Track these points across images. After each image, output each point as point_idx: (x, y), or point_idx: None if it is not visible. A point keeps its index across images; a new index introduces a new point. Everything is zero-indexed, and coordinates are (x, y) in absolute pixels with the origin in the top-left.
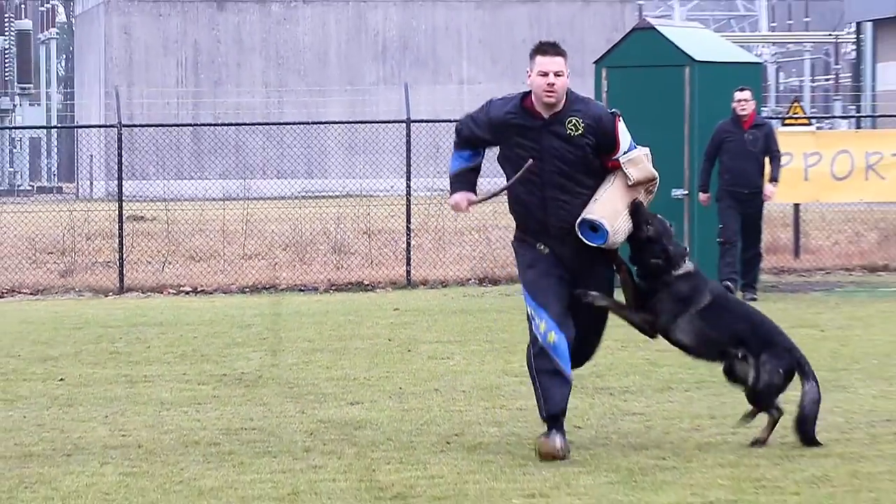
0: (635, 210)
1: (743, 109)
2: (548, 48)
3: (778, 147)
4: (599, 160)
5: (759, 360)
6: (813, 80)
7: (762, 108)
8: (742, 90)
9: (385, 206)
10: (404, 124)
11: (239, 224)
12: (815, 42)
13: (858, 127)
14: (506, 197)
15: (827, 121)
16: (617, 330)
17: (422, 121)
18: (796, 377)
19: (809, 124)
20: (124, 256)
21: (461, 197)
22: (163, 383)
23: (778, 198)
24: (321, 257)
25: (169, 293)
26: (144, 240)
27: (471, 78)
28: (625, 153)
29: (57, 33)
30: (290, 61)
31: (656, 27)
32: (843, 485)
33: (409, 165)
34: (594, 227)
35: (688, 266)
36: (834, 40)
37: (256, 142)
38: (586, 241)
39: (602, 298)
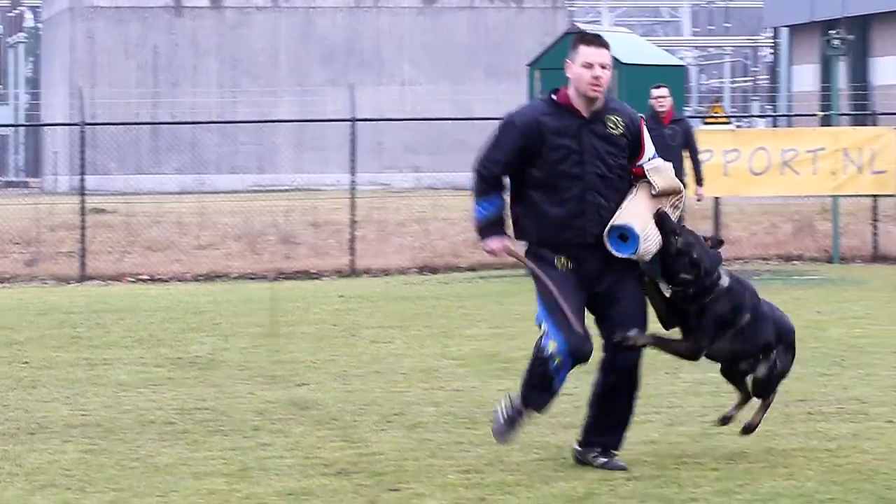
0: (660, 220)
1: (661, 106)
2: (592, 38)
3: (697, 145)
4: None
5: (775, 352)
6: (732, 82)
7: (685, 108)
8: (659, 87)
9: (331, 199)
10: (350, 123)
11: (194, 216)
12: (734, 46)
13: (775, 125)
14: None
15: (745, 120)
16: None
17: (366, 119)
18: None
19: (729, 123)
20: (86, 247)
21: (499, 243)
22: (121, 366)
23: (690, 191)
24: (271, 247)
25: (127, 281)
26: (105, 231)
27: (412, 79)
28: (649, 160)
29: (25, 37)
30: (244, 64)
31: (585, 32)
32: (760, 461)
33: (354, 161)
34: (623, 237)
35: (724, 281)
36: (752, 44)
37: (211, 139)
38: (615, 253)
39: (642, 337)
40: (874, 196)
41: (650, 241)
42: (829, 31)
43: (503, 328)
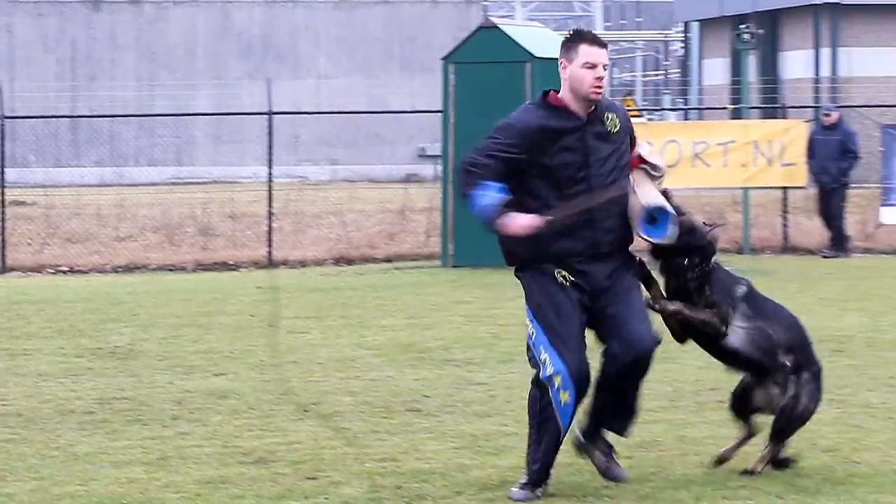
0: (667, 199)
1: None
2: (593, 37)
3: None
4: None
5: (800, 379)
6: (644, 76)
7: None
8: None
9: (248, 191)
10: (267, 116)
11: (113, 208)
12: (646, 40)
13: (686, 118)
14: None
15: (657, 113)
16: (462, 306)
17: (283, 113)
18: None
19: (641, 116)
20: (6, 238)
21: (533, 218)
22: (41, 356)
23: None
24: (189, 239)
25: (48, 273)
26: (25, 223)
27: (328, 73)
28: (639, 146)
29: None
30: (162, 58)
31: (499, 26)
32: (672, 449)
33: (271, 154)
34: (652, 219)
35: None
36: (663, 38)
37: (129, 132)
38: (648, 239)
39: (671, 304)
40: (784, 188)
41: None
42: (739, 26)
43: (418, 318)
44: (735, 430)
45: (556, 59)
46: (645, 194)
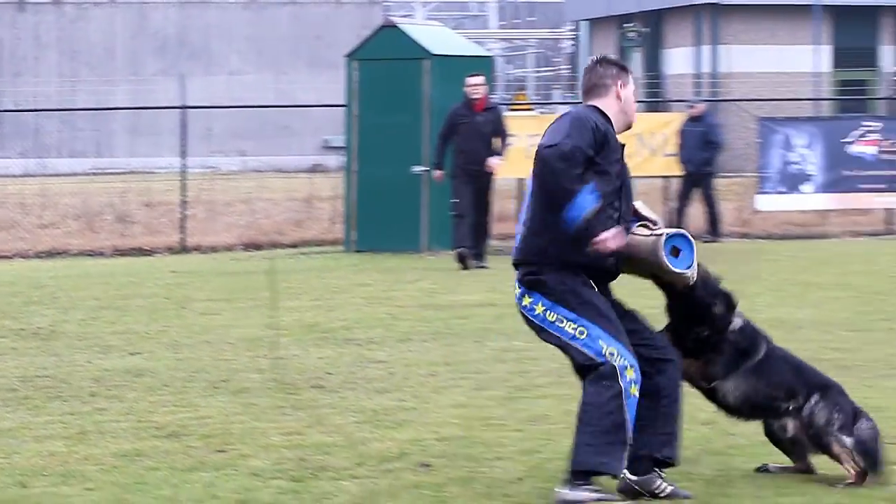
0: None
1: (475, 93)
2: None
3: (506, 130)
4: None
5: (809, 402)
6: (536, 72)
7: (492, 96)
8: (474, 76)
9: (163, 181)
10: (181, 110)
11: (36, 197)
12: (538, 38)
13: None
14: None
15: (548, 106)
16: (363, 289)
17: (196, 107)
18: None
19: (532, 110)
20: None
21: (621, 237)
22: None
23: (505, 173)
24: (107, 226)
25: None
26: None
27: (239, 70)
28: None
29: None
30: (83, 55)
31: (399, 25)
32: (559, 422)
33: (184, 146)
34: (675, 250)
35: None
36: (554, 37)
37: (52, 125)
38: (673, 268)
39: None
40: (665, 177)
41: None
42: (626, 25)
43: (323, 300)
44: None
45: (453, 55)
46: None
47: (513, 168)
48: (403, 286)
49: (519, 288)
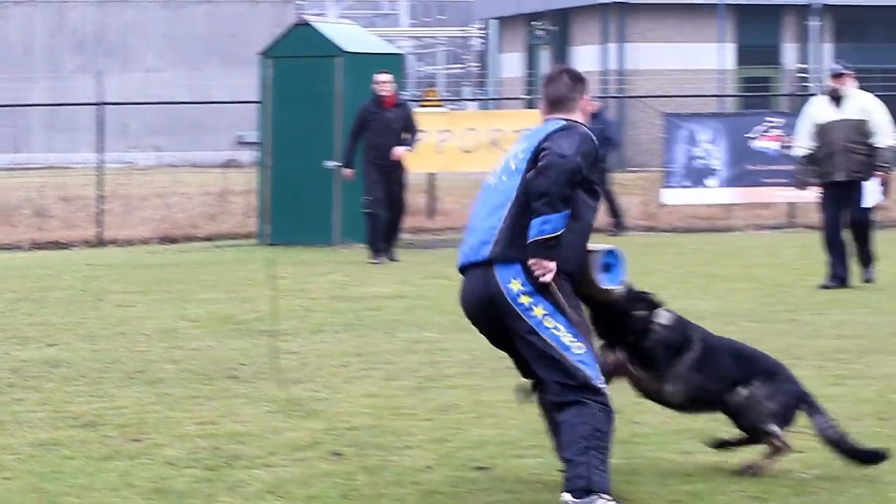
0: None
1: (384, 90)
2: None
3: (416, 125)
4: None
5: (748, 388)
6: (446, 69)
7: (402, 93)
8: (382, 73)
9: (81, 176)
10: (97, 107)
11: None
12: (448, 36)
13: (484, 108)
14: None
15: (457, 103)
16: (277, 281)
17: (113, 103)
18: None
19: (442, 106)
20: None
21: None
22: None
23: (416, 168)
24: (25, 220)
25: None
26: None
27: (155, 67)
28: None
29: None
30: (1, 53)
31: (312, 23)
32: (469, 412)
33: (101, 141)
34: (606, 266)
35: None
36: (464, 34)
37: None
38: (609, 287)
39: (611, 353)
40: None
41: None
42: (534, 23)
43: (236, 293)
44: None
45: (366, 54)
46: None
47: (423, 162)
48: (316, 279)
49: (522, 286)
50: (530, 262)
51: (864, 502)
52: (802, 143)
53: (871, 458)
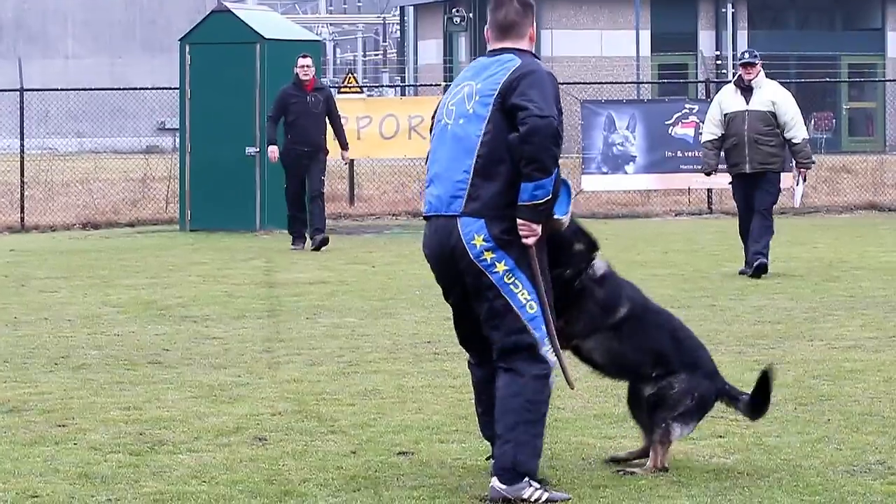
0: None
1: (305, 74)
2: None
3: (337, 110)
4: None
5: (670, 377)
6: (365, 56)
7: (322, 79)
8: (305, 57)
9: (2, 162)
10: (18, 93)
11: None
12: (366, 23)
13: (403, 95)
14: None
15: (377, 90)
16: (199, 267)
17: (33, 90)
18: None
19: (361, 93)
20: None
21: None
22: None
23: (334, 154)
24: None
25: None
26: None
27: (76, 53)
28: None
29: None
30: None
31: (232, 10)
32: (392, 397)
33: (22, 127)
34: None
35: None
36: (382, 21)
37: None
38: (554, 216)
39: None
40: None
41: None
42: (451, 10)
43: (159, 278)
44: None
45: (284, 40)
46: None
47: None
48: (238, 264)
49: (485, 241)
50: (519, 223)
51: (784, 486)
52: (710, 130)
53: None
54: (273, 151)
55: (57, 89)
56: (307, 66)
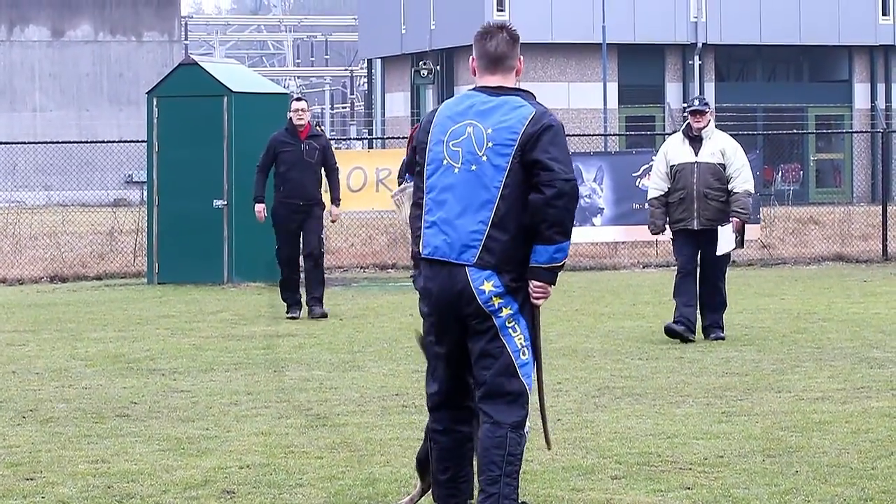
0: None
1: (300, 119)
2: None
3: (334, 159)
4: None
5: None
6: (332, 108)
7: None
8: (299, 99)
9: None
10: None
11: None
12: (333, 76)
13: (370, 147)
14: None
15: (344, 142)
16: (167, 320)
17: (1, 143)
18: None
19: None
20: None
21: None
22: None
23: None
24: None
25: None
26: None
27: (43, 106)
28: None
29: None
30: None
31: (199, 63)
32: (360, 450)
33: None
34: None
35: None
36: (349, 74)
37: None
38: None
39: None
40: None
41: None
42: (418, 63)
43: (127, 331)
44: None
45: (252, 93)
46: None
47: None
48: (206, 317)
49: (495, 287)
50: (534, 285)
51: None
52: (656, 185)
53: None
54: (260, 210)
55: (24, 142)
56: (302, 110)
